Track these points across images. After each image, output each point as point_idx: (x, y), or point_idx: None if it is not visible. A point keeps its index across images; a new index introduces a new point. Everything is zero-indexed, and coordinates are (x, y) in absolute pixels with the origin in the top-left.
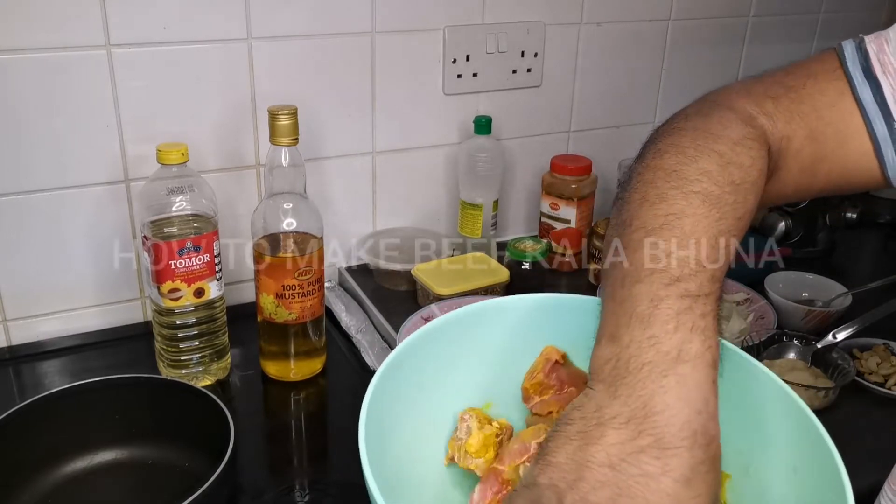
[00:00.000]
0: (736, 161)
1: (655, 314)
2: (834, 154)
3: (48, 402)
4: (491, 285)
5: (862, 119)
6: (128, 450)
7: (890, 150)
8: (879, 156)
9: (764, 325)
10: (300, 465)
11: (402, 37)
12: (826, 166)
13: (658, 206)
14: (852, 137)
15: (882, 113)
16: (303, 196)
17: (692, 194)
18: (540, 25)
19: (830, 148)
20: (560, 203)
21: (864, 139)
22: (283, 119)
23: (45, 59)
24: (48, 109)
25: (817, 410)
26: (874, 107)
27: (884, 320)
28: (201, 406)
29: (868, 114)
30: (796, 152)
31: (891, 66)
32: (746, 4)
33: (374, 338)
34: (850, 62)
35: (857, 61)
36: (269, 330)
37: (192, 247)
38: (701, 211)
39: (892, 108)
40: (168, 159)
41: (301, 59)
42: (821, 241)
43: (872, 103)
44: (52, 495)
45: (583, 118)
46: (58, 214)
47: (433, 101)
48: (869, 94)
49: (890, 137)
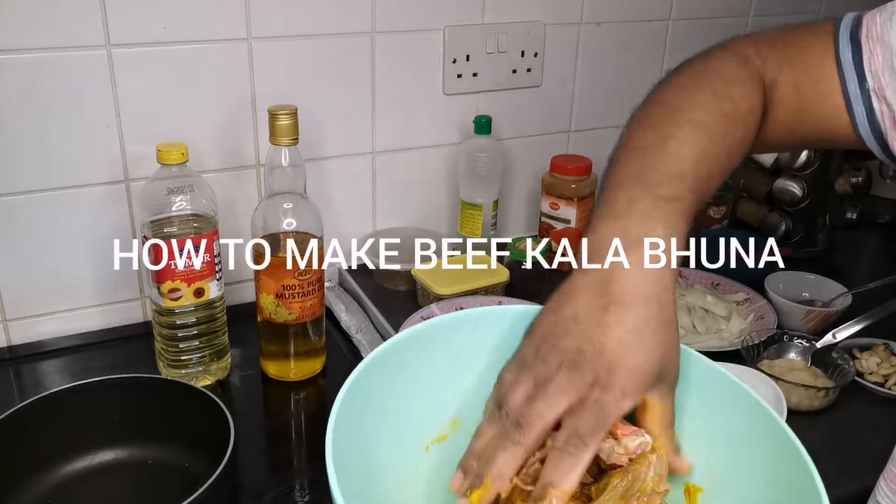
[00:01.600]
0: (728, 95)
1: (628, 211)
2: (813, 105)
3: (48, 402)
4: (491, 285)
5: (839, 77)
6: (128, 450)
7: (860, 107)
8: (851, 112)
9: (764, 325)
10: (300, 465)
11: (402, 37)
12: (806, 116)
13: (650, 130)
14: (829, 93)
15: (857, 74)
16: (303, 196)
17: (683, 121)
18: (540, 25)
19: (810, 100)
20: (560, 203)
21: (838, 96)
22: (283, 119)
23: (45, 59)
24: (48, 109)
25: (817, 410)
26: (850, 67)
27: (884, 320)
28: (201, 406)
29: (844, 73)
30: (780, 98)
31: (875, 32)
32: (746, 4)
33: (374, 338)
34: (842, 27)
35: (848, 26)
36: (269, 330)
37: (192, 247)
38: (689, 136)
39: (867, 70)
40: (168, 159)
41: (301, 59)
42: (821, 241)
43: (850, 64)
44: (52, 495)
45: (583, 118)
46: (58, 214)
47: (433, 101)
48: (849, 55)
49: (861, 96)
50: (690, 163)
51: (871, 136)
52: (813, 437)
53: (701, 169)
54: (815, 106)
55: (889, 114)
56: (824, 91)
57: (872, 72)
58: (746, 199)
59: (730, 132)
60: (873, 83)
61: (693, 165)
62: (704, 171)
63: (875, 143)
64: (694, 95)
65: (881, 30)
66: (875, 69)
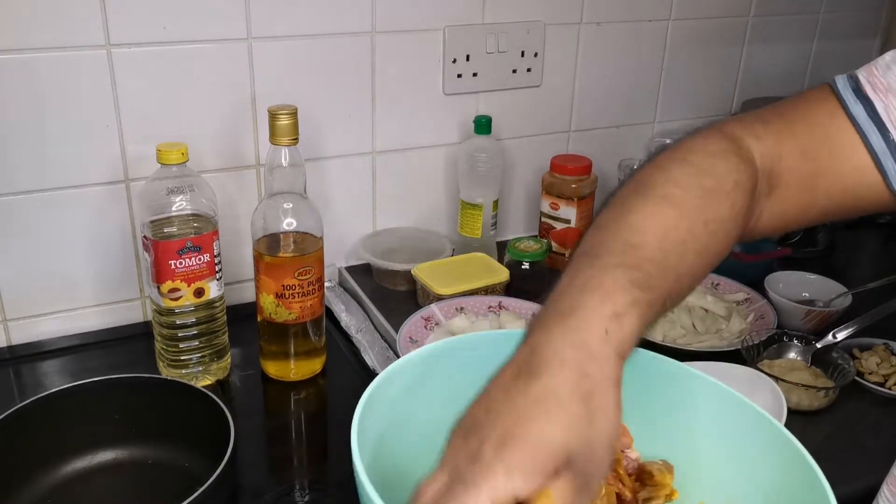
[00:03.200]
0: (710, 171)
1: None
2: (830, 169)
3: (48, 402)
4: (491, 285)
5: (857, 134)
6: (128, 450)
7: (889, 161)
8: (880, 168)
9: (764, 325)
10: (300, 465)
11: (402, 37)
12: (824, 182)
13: (616, 208)
14: (847, 153)
15: (877, 127)
16: (303, 196)
17: (651, 196)
18: (540, 25)
19: (825, 163)
20: (560, 203)
21: (861, 153)
22: (283, 119)
23: (45, 59)
24: (48, 109)
25: (817, 410)
26: (868, 122)
27: (884, 320)
28: (201, 406)
29: (862, 129)
30: (790, 169)
31: (881, 84)
32: (746, 4)
33: (374, 338)
34: (841, 87)
35: (847, 85)
36: (269, 330)
37: (192, 247)
38: (654, 209)
39: (886, 122)
40: (168, 159)
41: (301, 59)
42: (821, 241)
43: (866, 119)
44: (52, 495)
45: (583, 118)
46: (58, 214)
47: (433, 101)
48: (861, 110)
49: (887, 148)
50: (651, 235)
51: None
52: (813, 437)
53: (666, 243)
54: (833, 170)
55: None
56: (840, 152)
57: (893, 122)
58: None
59: (709, 208)
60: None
61: (654, 238)
62: (671, 245)
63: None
64: (670, 172)
65: (885, 80)
66: (895, 119)
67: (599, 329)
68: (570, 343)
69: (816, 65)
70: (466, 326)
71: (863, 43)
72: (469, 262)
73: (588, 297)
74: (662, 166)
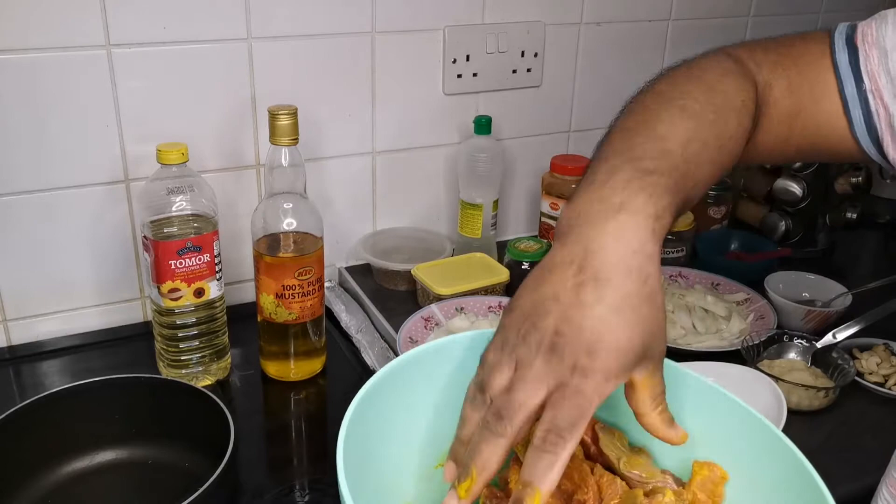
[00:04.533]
0: (720, 88)
1: (609, 181)
2: (808, 109)
3: (48, 402)
4: (491, 285)
5: (835, 79)
6: (128, 450)
7: (857, 110)
8: (847, 114)
9: (764, 325)
10: (300, 465)
11: (402, 37)
12: (801, 121)
13: (638, 114)
14: (825, 95)
15: (854, 75)
16: (303, 196)
17: (672, 107)
18: (540, 25)
19: (805, 102)
20: (560, 203)
21: (835, 98)
22: (283, 119)
23: (45, 59)
24: (48, 109)
25: (817, 410)
26: (847, 69)
27: (884, 320)
28: (201, 406)
29: (841, 75)
30: (775, 101)
31: (871, 36)
32: (746, 4)
33: (374, 338)
34: (837, 33)
35: (843, 32)
36: (269, 330)
37: (192, 247)
38: (676, 120)
39: (863, 72)
40: (168, 159)
41: (301, 59)
42: (821, 241)
43: (846, 66)
44: (52, 495)
45: (583, 118)
46: (58, 214)
47: (433, 101)
48: (845, 58)
49: (858, 97)
50: (676, 143)
51: (867, 138)
52: (813, 437)
53: (688, 152)
54: (810, 109)
55: (885, 116)
56: (820, 93)
57: (869, 73)
58: (746, 199)
59: (720, 122)
60: (870, 84)
61: (679, 146)
62: (692, 154)
63: (871, 145)
64: (685, 86)
65: (877, 34)
66: (872, 71)
67: (648, 229)
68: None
69: None
70: (466, 326)
71: None
72: (469, 262)
73: (634, 197)
74: (678, 82)
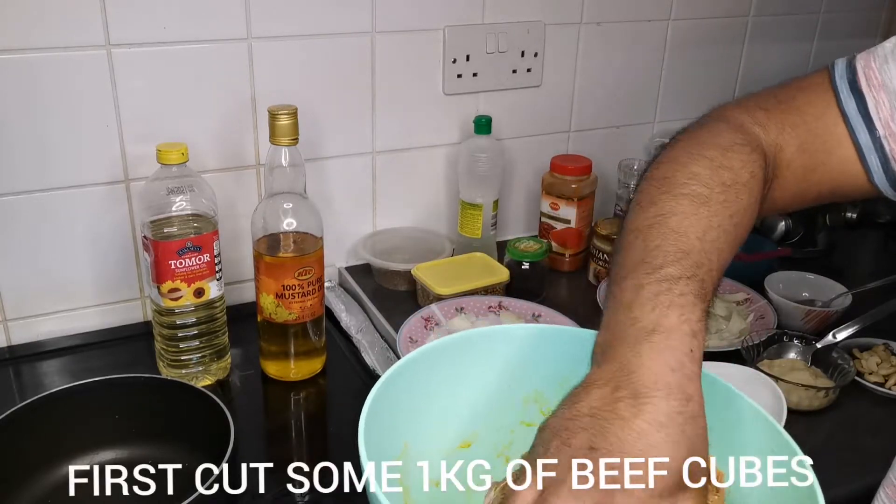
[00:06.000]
0: (726, 164)
1: (637, 300)
2: (823, 164)
3: (48, 402)
4: (491, 285)
5: (846, 129)
6: (128, 450)
7: (873, 157)
8: (864, 162)
9: (764, 325)
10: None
11: (402, 37)
12: (816, 176)
13: (648, 210)
14: (838, 147)
15: (865, 123)
16: (303, 196)
17: (680, 196)
18: (540, 25)
19: (819, 158)
20: (560, 203)
21: (849, 148)
22: (283, 119)
23: (45, 59)
24: (48, 109)
25: (817, 410)
26: (858, 117)
27: (884, 320)
28: (201, 406)
29: (852, 124)
30: (788, 162)
31: (875, 80)
32: (746, 4)
33: (374, 338)
34: (838, 77)
35: (844, 76)
36: (269, 330)
37: (192, 247)
38: (688, 209)
39: (874, 119)
40: (168, 159)
41: (301, 59)
42: (821, 241)
43: (856, 114)
44: (52, 495)
45: (583, 118)
46: (58, 214)
47: (433, 101)
48: (853, 106)
49: (873, 145)
50: (694, 237)
51: (885, 183)
52: (813, 437)
53: (706, 243)
54: (825, 163)
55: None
56: (833, 144)
57: (882, 120)
58: None
59: (731, 201)
60: (884, 130)
61: (697, 240)
62: (710, 244)
63: (890, 188)
64: (690, 168)
65: (881, 76)
66: (884, 117)
67: (686, 348)
68: (668, 365)
69: (816, 65)
70: (466, 326)
71: (863, 43)
72: (469, 262)
73: (666, 315)
74: (681, 162)
